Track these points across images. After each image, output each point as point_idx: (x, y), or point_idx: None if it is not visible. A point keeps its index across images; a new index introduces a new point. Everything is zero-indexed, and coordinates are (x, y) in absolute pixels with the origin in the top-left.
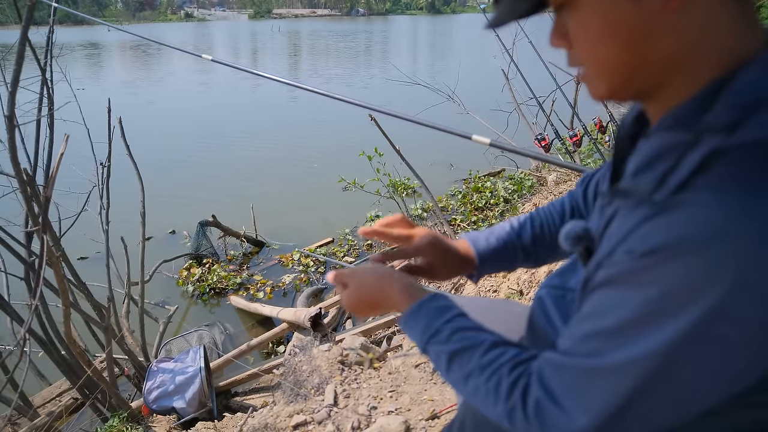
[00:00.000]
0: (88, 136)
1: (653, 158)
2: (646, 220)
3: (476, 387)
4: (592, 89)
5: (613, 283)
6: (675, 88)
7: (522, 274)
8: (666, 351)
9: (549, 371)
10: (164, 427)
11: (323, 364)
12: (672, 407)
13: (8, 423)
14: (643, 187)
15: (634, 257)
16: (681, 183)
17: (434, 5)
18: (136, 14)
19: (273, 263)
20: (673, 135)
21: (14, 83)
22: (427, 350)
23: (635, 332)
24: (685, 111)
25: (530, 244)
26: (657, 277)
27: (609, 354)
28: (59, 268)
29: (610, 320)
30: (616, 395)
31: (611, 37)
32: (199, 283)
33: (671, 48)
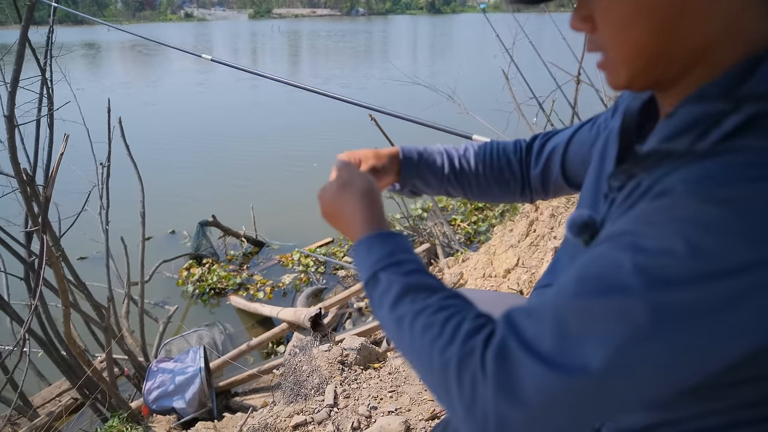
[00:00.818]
0: (87, 136)
1: (687, 125)
2: (683, 166)
3: (427, 324)
4: (611, 76)
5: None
6: (697, 76)
7: (522, 275)
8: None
9: (520, 317)
10: (164, 427)
11: (323, 364)
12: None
13: (8, 423)
14: (679, 145)
15: (664, 197)
16: (725, 135)
17: (434, 5)
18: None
19: (273, 263)
20: (707, 105)
21: (14, 83)
22: (378, 277)
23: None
24: (716, 86)
25: (463, 155)
26: (698, 212)
27: (615, 292)
28: (59, 268)
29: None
30: (618, 341)
31: (640, 18)
32: (199, 283)
33: (700, 32)
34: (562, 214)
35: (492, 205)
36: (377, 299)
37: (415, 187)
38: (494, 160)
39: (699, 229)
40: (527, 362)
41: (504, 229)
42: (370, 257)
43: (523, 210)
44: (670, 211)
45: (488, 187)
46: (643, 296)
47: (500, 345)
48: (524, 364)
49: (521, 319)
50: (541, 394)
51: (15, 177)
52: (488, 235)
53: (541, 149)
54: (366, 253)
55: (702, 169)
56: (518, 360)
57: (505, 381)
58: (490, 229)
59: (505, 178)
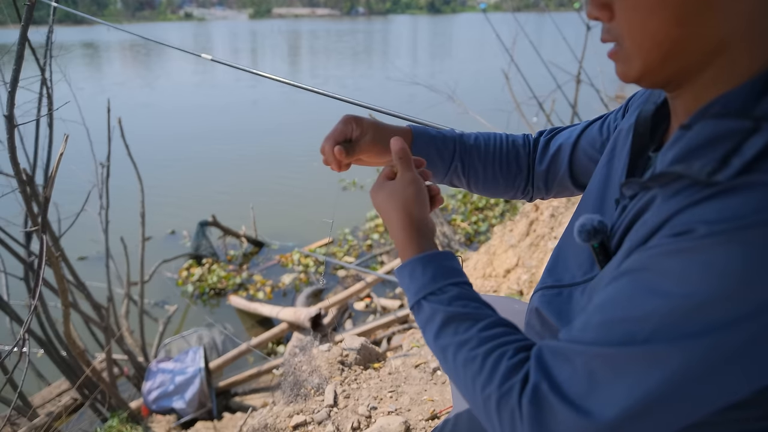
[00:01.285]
0: (87, 136)
1: (705, 144)
2: (704, 201)
3: (469, 359)
4: (623, 67)
5: (651, 267)
6: (714, 73)
7: (522, 275)
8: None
9: (552, 358)
10: (164, 427)
11: (323, 364)
12: (695, 406)
13: (7, 423)
14: (698, 170)
15: (685, 237)
16: (745, 165)
17: (434, 5)
18: (135, 14)
19: (273, 263)
20: (725, 122)
21: (13, 83)
22: (421, 305)
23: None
24: (737, 98)
25: (473, 145)
26: (720, 255)
27: (643, 340)
28: (59, 268)
29: (649, 303)
30: (646, 387)
31: (663, 8)
32: (199, 283)
33: (719, 28)
34: (562, 214)
35: (492, 205)
36: (422, 326)
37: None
38: (503, 152)
39: (723, 274)
40: (560, 407)
41: (504, 229)
42: (413, 283)
43: (523, 210)
44: (692, 254)
45: (494, 180)
46: (672, 344)
47: (534, 389)
48: (557, 409)
49: (553, 362)
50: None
51: (15, 177)
52: (488, 235)
53: (547, 146)
54: (409, 278)
55: (723, 208)
56: (551, 405)
57: (539, 425)
58: (490, 229)
59: (513, 172)
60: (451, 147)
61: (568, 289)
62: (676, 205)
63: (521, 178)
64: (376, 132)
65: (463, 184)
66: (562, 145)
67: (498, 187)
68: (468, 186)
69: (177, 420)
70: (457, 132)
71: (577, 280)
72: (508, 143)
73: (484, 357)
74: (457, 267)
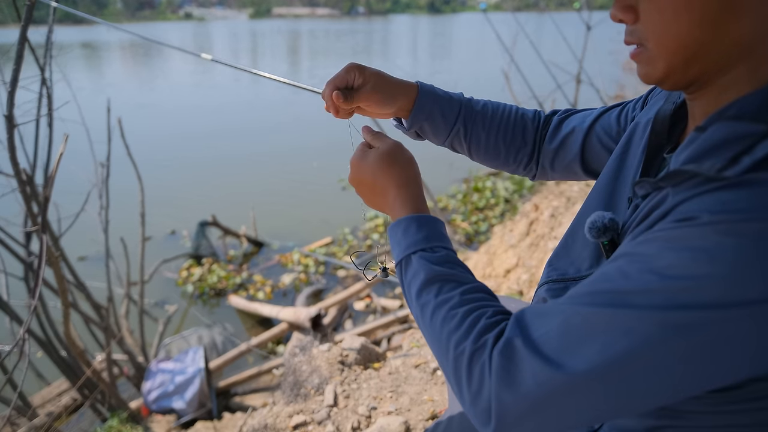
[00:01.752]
0: (87, 136)
1: (718, 145)
2: (710, 192)
3: (448, 317)
4: (645, 69)
5: (649, 248)
6: (734, 78)
7: (522, 274)
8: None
9: (531, 317)
10: (164, 427)
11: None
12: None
13: (7, 423)
14: (708, 167)
15: (687, 222)
16: (755, 164)
17: (434, 5)
18: (135, 13)
19: (273, 263)
20: (741, 125)
21: (13, 83)
22: (410, 260)
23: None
24: (753, 103)
25: (479, 111)
26: (716, 243)
27: (624, 305)
28: (59, 268)
29: (639, 278)
30: (618, 349)
31: (689, 10)
32: (199, 283)
33: (745, 30)
34: (562, 215)
35: (492, 205)
36: (406, 282)
37: (422, 130)
38: (510, 123)
39: (717, 260)
40: (529, 359)
41: (504, 229)
42: (406, 238)
43: (523, 210)
44: (691, 240)
45: (496, 149)
46: (654, 314)
47: (507, 342)
48: (526, 360)
49: (532, 319)
50: (539, 388)
51: (14, 177)
52: (488, 235)
53: (559, 126)
54: (403, 234)
55: (727, 199)
56: (521, 356)
57: (507, 375)
58: (490, 229)
59: (516, 145)
60: (456, 109)
61: (574, 283)
62: (683, 195)
63: (525, 152)
64: (378, 81)
65: (464, 150)
66: (575, 128)
67: (499, 157)
68: (469, 152)
69: (177, 420)
70: (465, 96)
71: (583, 273)
72: (517, 115)
73: (463, 316)
74: (446, 235)
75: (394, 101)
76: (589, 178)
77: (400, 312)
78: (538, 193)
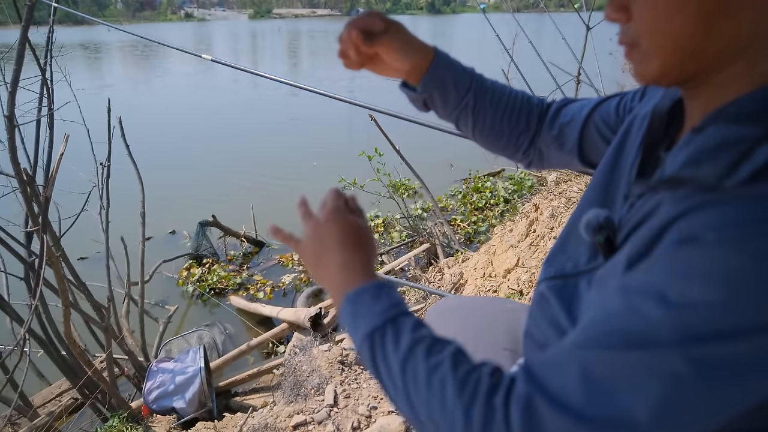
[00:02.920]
0: (88, 136)
1: (715, 148)
2: (710, 205)
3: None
4: (640, 68)
5: (656, 277)
6: (732, 75)
7: (522, 274)
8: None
9: (542, 369)
10: (164, 427)
11: (323, 364)
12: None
13: (8, 423)
14: (707, 174)
15: (691, 245)
16: (754, 173)
17: (434, 5)
18: (136, 14)
19: (273, 263)
20: (738, 128)
21: (14, 83)
22: (386, 327)
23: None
24: (751, 103)
25: (489, 87)
26: (725, 264)
27: (646, 345)
28: (59, 268)
29: (653, 312)
30: (650, 394)
31: (682, 8)
32: (199, 283)
33: (742, 26)
34: (562, 214)
35: (492, 205)
36: (383, 350)
37: (432, 99)
38: (517, 104)
39: (730, 283)
40: (557, 418)
41: (504, 229)
42: (378, 304)
43: (523, 210)
44: (699, 263)
45: (500, 129)
46: (679, 349)
47: (526, 401)
48: (553, 420)
49: (543, 371)
50: None
51: (15, 177)
52: (488, 235)
53: (558, 113)
54: (372, 300)
55: (731, 215)
56: (546, 416)
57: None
58: (490, 229)
59: (520, 127)
60: (468, 81)
61: (573, 280)
62: (682, 207)
63: (526, 136)
64: (400, 29)
65: (468, 127)
66: (574, 117)
67: (501, 138)
68: (473, 129)
69: (177, 420)
70: (476, 71)
71: (581, 269)
72: (523, 98)
73: (464, 377)
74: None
75: (413, 55)
76: (586, 169)
77: None
78: (538, 193)
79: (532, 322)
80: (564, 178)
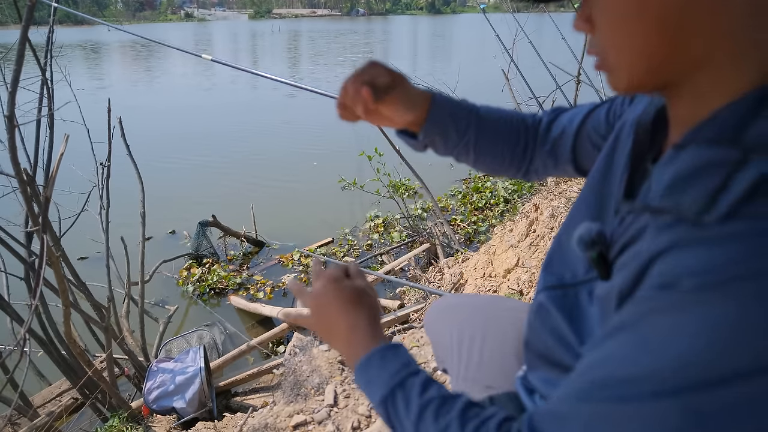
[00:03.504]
0: (88, 136)
1: (694, 173)
2: (690, 246)
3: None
4: (611, 80)
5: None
6: (706, 86)
7: (522, 274)
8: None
9: (544, 423)
10: (164, 427)
11: (323, 364)
12: None
13: (8, 423)
14: (687, 207)
15: (671, 291)
16: (732, 206)
17: (434, 5)
18: (136, 14)
19: (273, 263)
20: (716, 150)
21: (14, 83)
22: (395, 392)
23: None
24: (726, 121)
25: (486, 120)
26: (704, 311)
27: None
28: (59, 268)
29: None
30: None
31: (639, 19)
32: (199, 283)
33: (706, 36)
34: (562, 215)
35: (492, 205)
36: (397, 416)
37: (432, 143)
38: (514, 129)
39: (712, 332)
40: None
41: (504, 229)
42: (385, 371)
43: (523, 210)
44: (677, 311)
45: (501, 157)
46: (669, 400)
47: None
48: None
49: (546, 425)
50: None
51: (15, 177)
52: (488, 235)
53: (549, 128)
54: (380, 367)
55: (709, 258)
56: None
57: None
58: (490, 229)
59: (519, 151)
60: (467, 121)
61: (573, 290)
62: (665, 241)
63: (524, 157)
64: (403, 84)
65: (470, 160)
66: (565, 130)
67: (503, 164)
68: (474, 162)
69: (177, 420)
70: (471, 103)
71: (580, 278)
72: (518, 120)
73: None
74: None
75: (413, 108)
76: (583, 176)
77: (400, 312)
78: (538, 193)
79: (531, 333)
80: (564, 179)
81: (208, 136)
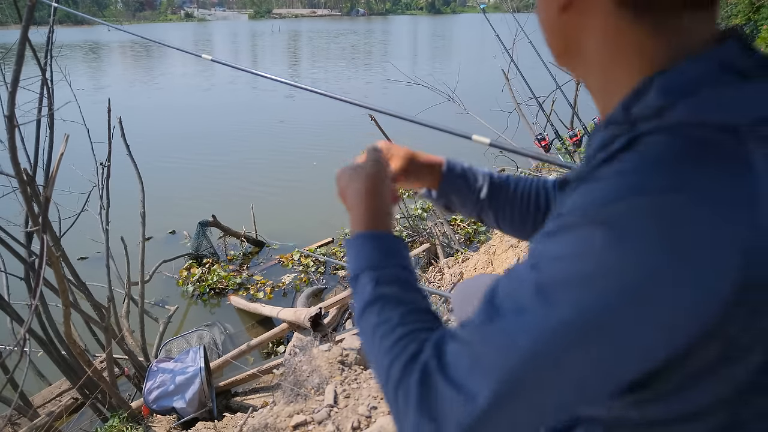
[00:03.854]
0: (88, 136)
1: (595, 150)
2: (576, 189)
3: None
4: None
5: (531, 249)
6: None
7: None
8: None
9: (447, 338)
10: (164, 427)
11: (323, 364)
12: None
13: (8, 423)
14: (580, 171)
15: (554, 220)
16: (606, 158)
17: (434, 5)
18: (136, 14)
19: (273, 263)
20: (612, 129)
21: (14, 83)
22: (359, 278)
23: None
24: (619, 108)
25: (503, 183)
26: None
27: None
28: (59, 268)
29: (522, 280)
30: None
31: (544, 22)
32: (199, 283)
33: (586, 44)
34: None
35: None
36: (355, 300)
37: (450, 203)
38: (533, 190)
39: (584, 254)
40: (444, 388)
41: None
42: (359, 256)
43: None
44: (562, 236)
45: (523, 221)
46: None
47: (423, 369)
48: (441, 389)
49: (448, 341)
50: (453, 417)
51: (15, 177)
52: (488, 235)
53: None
54: (356, 251)
55: (587, 194)
56: (436, 384)
57: (424, 404)
58: (490, 229)
59: (541, 214)
60: (480, 184)
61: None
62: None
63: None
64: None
65: (491, 220)
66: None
67: (526, 229)
68: (496, 221)
69: (177, 420)
70: (488, 171)
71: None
72: (539, 183)
73: (397, 339)
74: (403, 252)
75: (425, 177)
76: None
77: None
78: None
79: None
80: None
81: (208, 136)
